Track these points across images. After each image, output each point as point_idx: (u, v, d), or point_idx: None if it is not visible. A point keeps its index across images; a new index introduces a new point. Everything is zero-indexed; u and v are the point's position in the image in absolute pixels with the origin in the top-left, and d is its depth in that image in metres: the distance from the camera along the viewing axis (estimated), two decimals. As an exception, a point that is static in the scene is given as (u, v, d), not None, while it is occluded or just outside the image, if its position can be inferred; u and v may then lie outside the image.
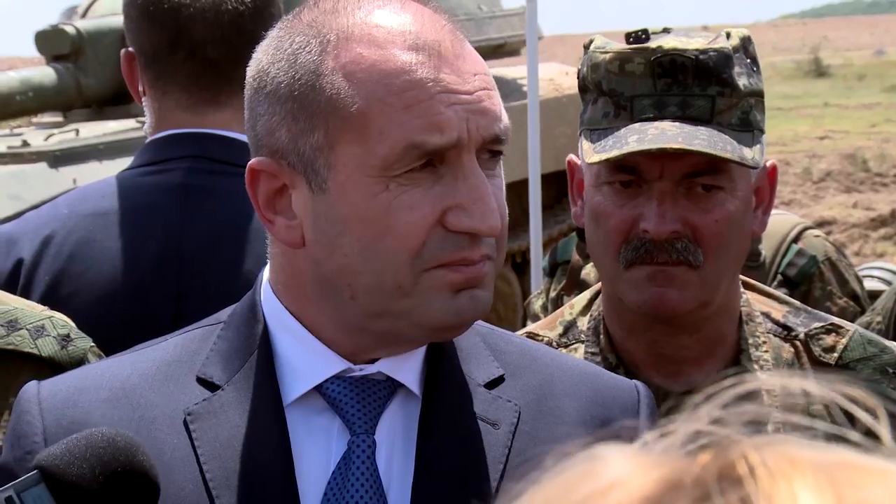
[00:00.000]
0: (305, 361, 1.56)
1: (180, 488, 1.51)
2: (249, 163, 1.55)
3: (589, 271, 3.68)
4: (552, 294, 3.79)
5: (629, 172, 2.00)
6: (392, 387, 1.57)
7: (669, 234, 1.98)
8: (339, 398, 1.55)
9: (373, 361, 1.57)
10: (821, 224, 17.29)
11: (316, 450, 1.55)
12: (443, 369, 1.59)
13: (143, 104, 2.49)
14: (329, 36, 1.50)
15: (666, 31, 2.09)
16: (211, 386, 1.57)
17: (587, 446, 0.67)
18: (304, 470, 1.53)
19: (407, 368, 1.57)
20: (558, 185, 10.25)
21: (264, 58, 1.54)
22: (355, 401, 1.55)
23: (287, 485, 1.52)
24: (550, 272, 3.86)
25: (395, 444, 1.56)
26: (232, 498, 1.50)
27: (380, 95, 1.46)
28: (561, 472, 0.66)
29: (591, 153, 1.99)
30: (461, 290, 1.49)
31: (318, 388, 1.56)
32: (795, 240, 3.59)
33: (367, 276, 1.49)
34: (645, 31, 2.08)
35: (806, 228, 3.67)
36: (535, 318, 3.85)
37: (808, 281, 3.51)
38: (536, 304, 3.93)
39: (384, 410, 1.56)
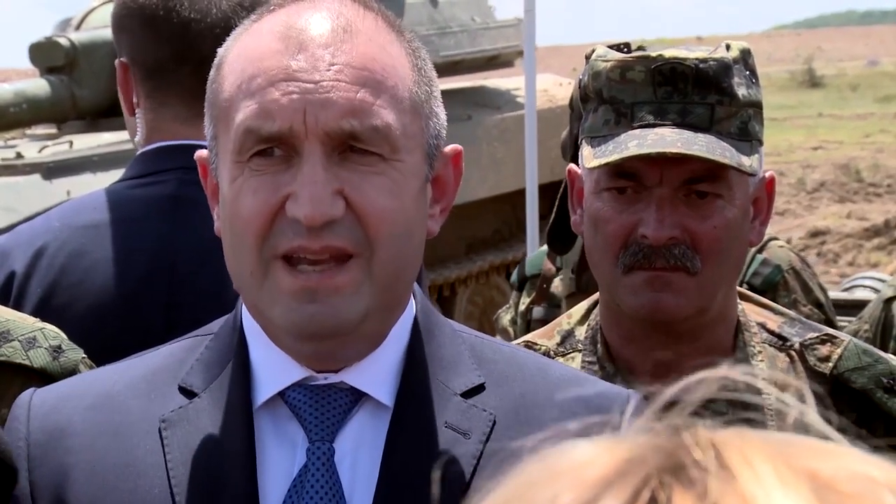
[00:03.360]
0: (271, 368, 1.57)
1: (147, 493, 1.53)
2: (196, 153, 1.62)
3: (558, 284, 3.69)
4: (521, 308, 3.80)
5: (629, 178, 2.01)
6: (355, 396, 1.56)
7: (668, 240, 1.99)
8: (299, 406, 1.56)
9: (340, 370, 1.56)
10: (815, 234, 17.33)
11: (281, 458, 1.55)
12: (415, 379, 1.58)
13: (136, 116, 2.48)
14: (240, 31, 1.56)
15: (640, 49, 2.11)
16: (189, 394, 1.58)
17: (552, 441, 0.68)
18: (269, 478, 1.54)
19: (374, 378, 1.56)
20: (553, 195, 10.25)
21: None
22: (314, 409, 1.55)
23: (249, 493, 1.52)
24: (519, 286, 3.88)
25: (360, 454, 1.55)
26: None
27: (238, 82, 1.50)
28: (525, 465, 0.67)
29: (590, 158, 2.01)
30: (304, 301, 1.47)
31: (283, 396, 1.57)
32: (760, 250, 3.62)
33: (234, 263, 1.53)
34: (627, 45, 2.12)
35: (770, 239, 3.70)
36: (504, 333, 3.87)
37: (772, 290, 3.53)
38: (505, 318, 3.95)
39: (348, 419, 1.55)
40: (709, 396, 0.67)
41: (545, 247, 3.70)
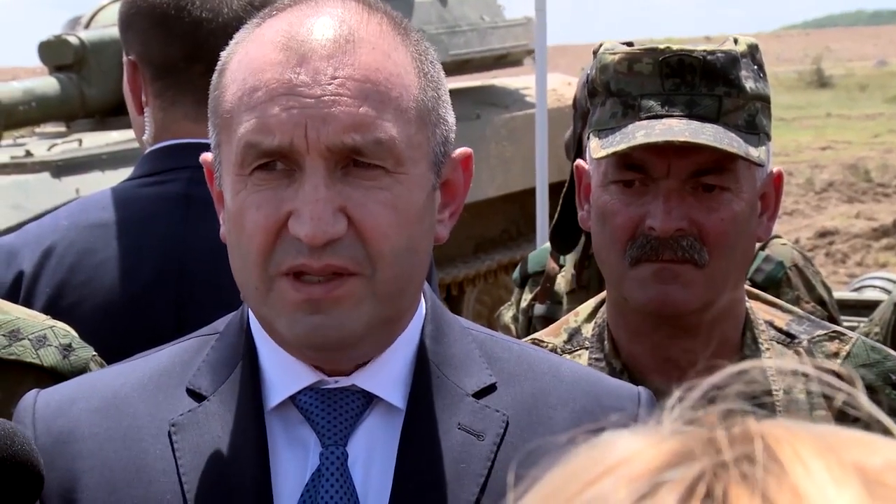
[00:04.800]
0: (281, 372, 1.56)
1: (159, 499, 1.51)
2: (201, 156, 1.60)
3: (560, 281, 3.70)
4: (523, 305, 3.81)
5: (636, 171, 2.01)
6: (367, 399, 1.55)
7: (675, 232, 1.98)
8: (310, 410, 1.54)
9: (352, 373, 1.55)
10: (823, 234, 17.30)
11: (294, 462, 1.54)
12: (426, 380, 1.56)
13: (145, 114, 2.48)
14: (243, 35, 1.55)
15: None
16: (198, 397, 1.57)
17: (589, 437, 0.68)
18: (282, 483, 1.53)
19: (385, 381, 1.55)
20: (561, 194, 10.22)
21: None
22: (326, 412, 1.54)
23: (262, 498, 1.51)
24: (521, 283, 3.88)
25: (373, 457, 1.54)
26: None
27: (239, 94, 1.48)
28: (569, 459, 0.67)
29: (598, 150, 2.01)
30: (308, 313, 1.45)
31: (294, 400, 1.55)
32: (763, 247, 3.62)
33: (240, 276, 1.52)
34: (631, 44, 2.11)
35: (773, 237, 3.70)
36: (506, 330, 3.87)
37: (775, 286, 3.54)
38: (507, 315, 3.96)
39: (359, 423, 1.54)
40: (748, 390, 0.67)
41: (548, 244, 3.71)
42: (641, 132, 1.97)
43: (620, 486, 0.63)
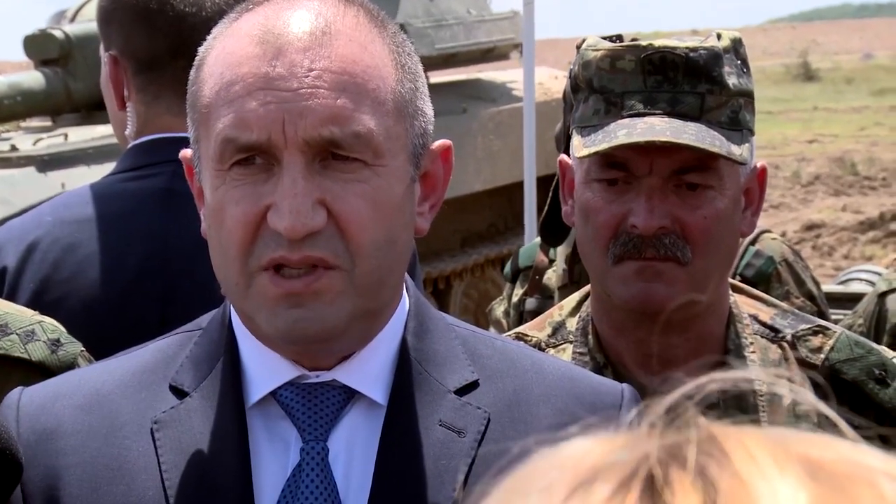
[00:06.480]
0: (262, 367, 1.56)
1: (140, 496, 1.51)
2: (181, 152, 1.60)
3: (550, 276, 3.71)
4: (514, 299, 3.81)
5: (618, 169, 2.01)
6: (348, 394, 1.55)
7: (657, 230, 1.98)
8: (291, 405, 1.54)
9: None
10: (810, 227, 17.34)
11: (275, 458, 1.53)
12: (408, 376, 1.56)
13: (127, 109, 2.47)
14: (220, 29, 1.55)
15: (634, 40, 2.11)
16: (180, 393, 1.57)
17: (552, 442, 0.68)
18: (263, 478, 1.52)
19: (367, 376, 1.55)
20: (548, 188, 10.22)
21: None
22: (306, 408, 1.53)
23: (243, 494, 1.51)
24: (512, 278, 3.89)
25: (354, 453, 1.54)
26: None
27: (216, 88, 1.48)
28: (525, 464, 0.67)
29: (580, 148, 2.00)
30: (288, 307, 1.45)
31: (275, 395, 1.55)
32: (753, 242, 3.63)
33: (220, 271, 1.52)
34: (619, 37, 2.11)
35: (763, 231, 3.72)
36: (497, 325, 3.87)
37: (765, 281, 3.55)
38: (498, 310, 3.96)
39: (340, 418, 1.54)
40: (711, 401, 0.67)
41: (538, 239, 3.71)
42: (623, 131, 1.97)
43: (565, 475, 0.64)
